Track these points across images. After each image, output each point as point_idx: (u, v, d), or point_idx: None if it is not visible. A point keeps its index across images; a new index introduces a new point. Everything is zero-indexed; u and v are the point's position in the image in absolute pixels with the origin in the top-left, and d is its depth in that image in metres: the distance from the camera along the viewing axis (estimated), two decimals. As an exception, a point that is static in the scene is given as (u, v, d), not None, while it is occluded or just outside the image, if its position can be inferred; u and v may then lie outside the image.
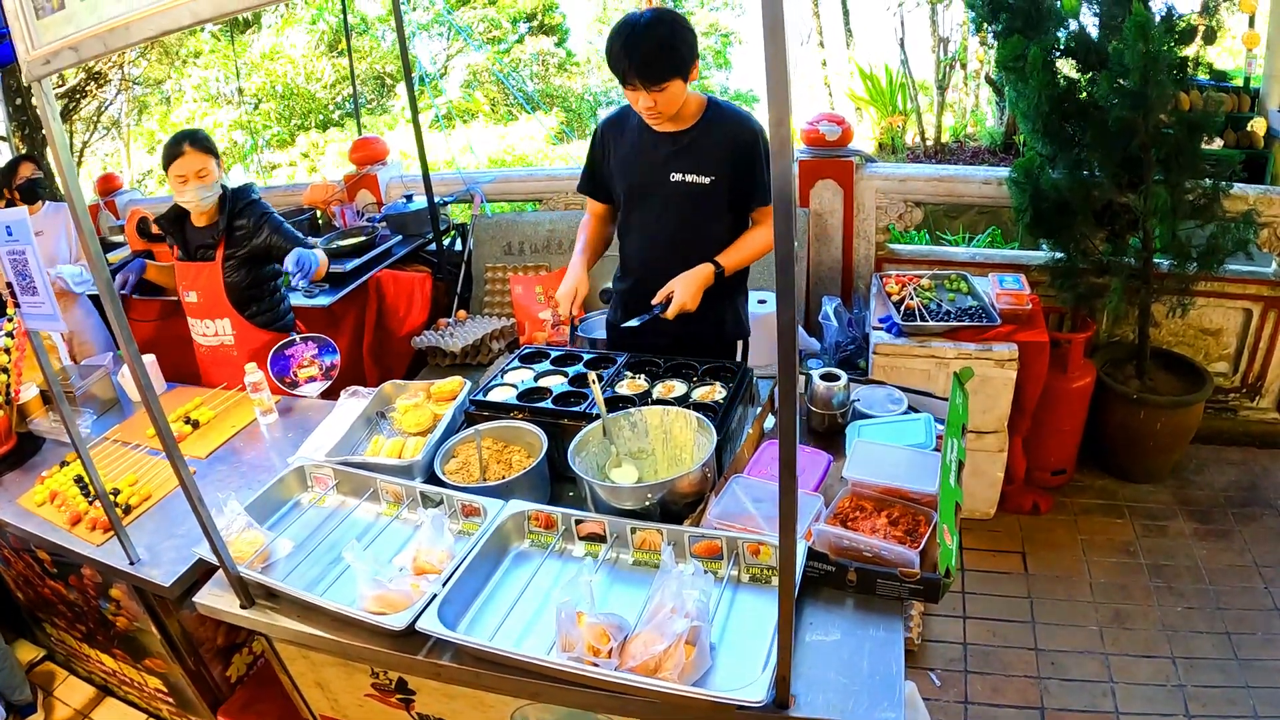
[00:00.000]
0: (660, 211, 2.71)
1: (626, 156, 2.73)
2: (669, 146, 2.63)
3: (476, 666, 1.73)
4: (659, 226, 2.73)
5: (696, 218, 2.68)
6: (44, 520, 2.61)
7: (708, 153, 2.60)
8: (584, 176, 2.91)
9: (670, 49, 2.36)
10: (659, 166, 2.65)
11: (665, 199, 2.67)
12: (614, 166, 2.76)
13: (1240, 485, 4.00)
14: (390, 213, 5.10)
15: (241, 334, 3.32)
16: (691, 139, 2.62)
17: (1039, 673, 3.07)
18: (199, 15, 1.31)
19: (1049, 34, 3.61)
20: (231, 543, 2.03)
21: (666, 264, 2.66)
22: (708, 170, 2.61)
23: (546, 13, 15.18)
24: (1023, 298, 3.66)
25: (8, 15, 1.51)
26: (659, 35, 2.35)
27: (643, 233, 2.80)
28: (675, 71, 2.39)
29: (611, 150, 2.76)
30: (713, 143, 2.60)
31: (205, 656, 2.60)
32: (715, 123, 2.61)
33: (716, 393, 2.39)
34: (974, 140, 9.95)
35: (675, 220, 2.69)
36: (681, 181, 2.63)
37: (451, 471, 2.30)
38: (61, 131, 1.58)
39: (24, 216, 2.06)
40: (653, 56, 2.36)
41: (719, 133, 2.61)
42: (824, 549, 1.84)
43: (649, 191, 2.70)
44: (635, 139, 2.69)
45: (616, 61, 2.41)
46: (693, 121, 2.62)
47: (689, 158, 2.61)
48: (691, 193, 2.63)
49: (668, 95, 2.43)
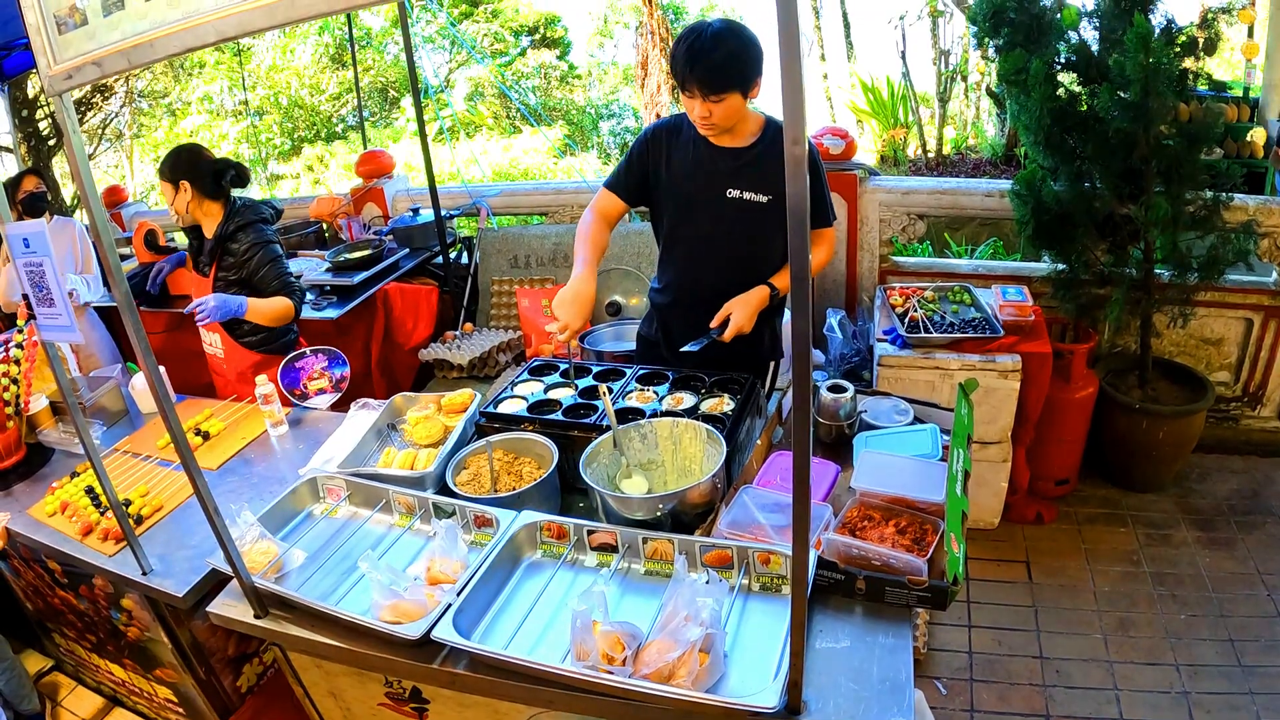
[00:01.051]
0: (714, 227, 2.67)
1: (683, 167, 2.67)
2: (729, 162, 2.61)
3: (491, 675, 1.75)
4: (712, 242, 2.69)
5: (751, 236, 2.65)
6: (55, 530, 2.62)
7: (767, 171, 2.58)
8: (619, 173, 2.78)
9: (735, 60, 2.35)
10: (717, 181, 2.62)
11: (720, 215, 2.64)
12: (667, 176, 2.70)
13: (1242, 494, 4.02)
14: (397, 226, 5.13)
15: (230, 352, 3.36)
16: (752, 157, 2.60)
17: (1044, 681, 3.08)
18: (224, 33, 1.33)
19: (1050, 47, 3.65)
20: (245, 553, 2.05)
21: (715, 281, 2.65)
22: (766, 189, 2.58)
23: (549, 26, 15.28)
24: (1025, 309, 3.69)
25: (29, 30, 1.53)
26: (726, 46, 2.34)
27: (694, 247, 2.74)
28: (736, 84, 2.39)
29: (665, 158, 2.69)
30: (771, 162, 2.57)
31: (216, 667, 2.61)
32: (776, 142, 2.58)
33: (725, 405, 2.41)
34: (975, 152, 9.98)
35: (729, 237, 2.66)
36: (739, 199, 2.60)
37: (463, 483, 2.32)
38: (82, 145, 1.61)
39: (42, 229, 2.08)
40: (715, 66, 2.35)
41: (778, 153, 2.60)
42: (833, 558, 1.86)
43: (704, 206, 2.66)
44: (693, 151, 2.64)
45: (679, 66, 2.39)
46: (753, 139, 2.61)
47: (748, 175, 2.59)
48: (748, 210, 2.61)
49: (725, 107, 2.42)
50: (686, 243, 2.76)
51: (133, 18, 1.41)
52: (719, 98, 2.39)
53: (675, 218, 2.76)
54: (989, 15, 3.69)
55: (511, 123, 14.07)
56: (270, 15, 1.28)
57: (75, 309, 4.25)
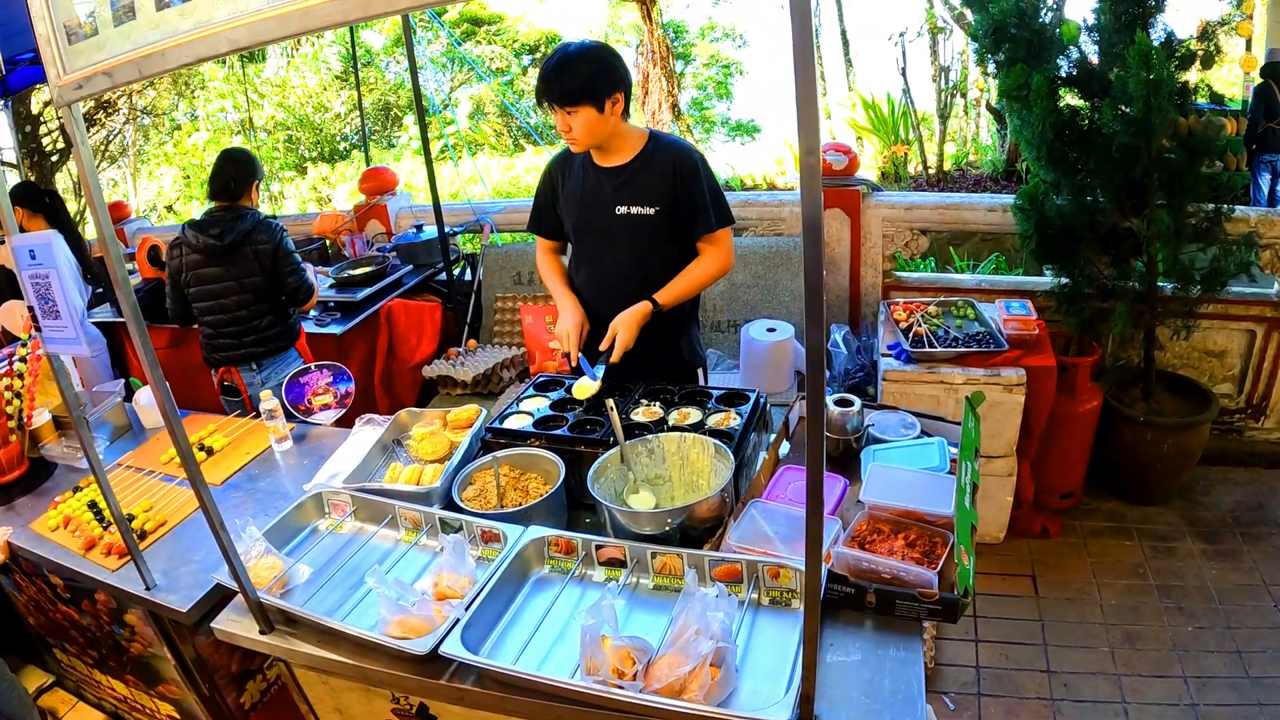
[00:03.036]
0: (609, 245, 2.76)
1: (573, 193, 2.78)
2: (613, 180, 2.70)
3: (500, 690, 1.74)
4: (608, 260, 2.78)
5: (643, 249, 2.73)
6: (58, 545, 2.62)
7: (651, 183, 2.67)
8: (532, 215, 2.96)
9: (587, 78, 2.47)
10: (605, 201, 2.71)
11: (613, 233, 2.73)
12: (563, 204, 2.82)
13: (1247, 505, 4.01)
14: (400, 243, 5.15)
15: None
16: (634, 171, 2.68)
17: (1052, 694, 3.06)
18: (236, 43, 1.33)
19: (1051, 63, 3.67)
20: (250, 568, 2.04)
21: (617, 297, 2.70)
22: (651, 201, 2.67)
23: (549, 45, 15.36)
24: (1029, 323, 3.69)
25: (39, 40, 1.53)
26: (581, 63, 2.47)
27: (593, 268, 2.84)
28: (588, 99, 2.48)
29: (559, 187, 2.83)
30: (655, 173, 2.66)
31: (219, 683, 2.59)
32: (656, 154, 2.68)
33: (731, 419, 2.41)
34: (975, 168, 10.01)
35: (623, 253, 2.75)
36: (627, 214, 2.69)
37: (469, 498, 2.32)
38: (90, 156, 1.61)
39: (49, 240, 2.07)
40: (568, 79, 2.47)
41: (660, 163, 2.67)
42: (843, 571, 1.85)
43: (596, 226, 2.76)
44: (581, 176, 2.76)
45: (540, 82, 2.53)
46: (634, 155, 2.68)
47: (632, 189, 2.68)
48: (637, 224, 2.69)
49: (580, 120, 2.52)
50: (588, 264, 2.86)
51: (144, 28, 1.41)
52: (570, 110, 2.50)
53: (577, 242, 2.88)
54: (990, 31, 3.71)
55: (514, 140, 14.13)
56: (284, 25, 1.27)
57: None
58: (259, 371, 3.73)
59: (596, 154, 2.71)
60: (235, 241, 3.53)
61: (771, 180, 10.72)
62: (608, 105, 2.52)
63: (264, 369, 3.73)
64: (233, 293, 3.61)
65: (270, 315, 3.70)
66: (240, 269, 3.58)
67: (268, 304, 3.67)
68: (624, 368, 2.66)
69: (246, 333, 3.68)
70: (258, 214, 3.64)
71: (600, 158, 2.71)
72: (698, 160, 2.69)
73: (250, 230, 3.55)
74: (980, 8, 3.74)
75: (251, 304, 3.64)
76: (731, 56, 15.94)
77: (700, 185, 2.67)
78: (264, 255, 3.57)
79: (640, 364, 2.70)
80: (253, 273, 3.59)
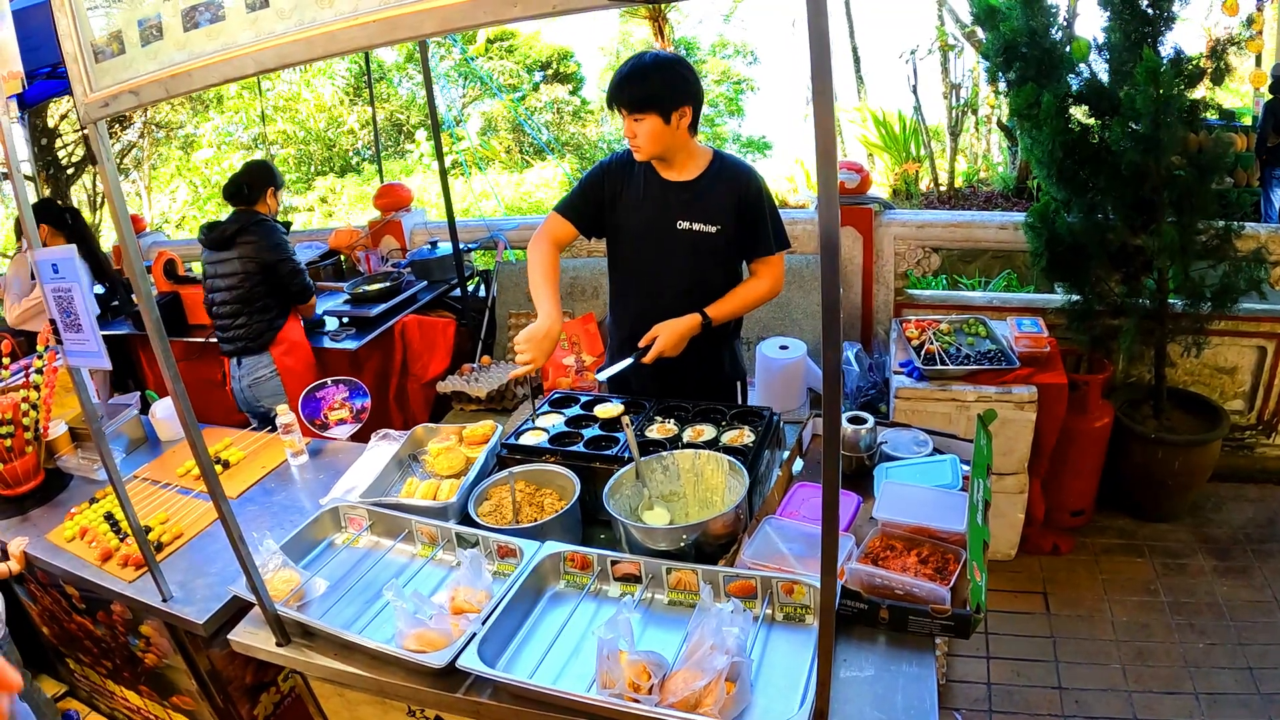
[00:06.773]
0: (665, 258, 2.77)
1: (635, 200, 2.78)
2: (677, 195, 2.72)
3: (516, 704, 1.75)
4: (663, 273, 2.78)
5: (701, 266, 2.75)
6: (74, 556, 2.65)
7: (715, 202, 2.69)
8: (572, 199, 2.86)
9: (658, 84, 2.52)
10: (667, 213, 2.72)
11: (671, 246, 2.74)
12: (621, 208, 2.81)
13: (1258, 522, 4.00)
14: (415, 258, 5.17)
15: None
16: (699, 189, 2.70)
17: (1063, 711, 3.05)
18: (263, 65, 1.35)
19: (1061, 81, 3.69)
20: (267, 581, 2.05)
21: (667, 310, 2.72)
22: (714, 219, 2.70)
23: (561, 61, 15.49)
24: (1041, 340, 3.70)
25: (65, 58, 1.56)
26: (654, 70, 2.53)
27: (645, 278, 2.84)
28: (655, 107, 2.52)
29: (619, 190, 2.81)
30: (720, 193, 2.69)
31: (234, 695, 2.60)
32: (722, 174, 2.72)
33: (745, 437, 2.42)
34: (987, 185, 10.00)
35: (679, 267, 2.76)
36: (689, 230, 2.71)
37: (485, 514, 2.33)
38: (115, 174, 1.64)
39: (72, 254, 2.09)
40: (638, 87, 2.52)
41: (725, 184, 2.70)
42: (856, 587, 1.86)
43: (655, 238, 2.77)
44: (644, 184, 2.76)
45: (612, 86, 2.58)
46: (700, 172, 2.71)
47: (696, 206, 2.70)
48: (697, 240, 2.71)
49: (645, 128, 2.55)
50: (639, 274, 2.86)
51: (171, 48, 1.44)
52: (637, 117, 2.55)
53: (629, 249, 2.87)
54: (1001, 50, 3.73)
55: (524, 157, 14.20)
56: (309, 49, 1.30)
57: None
58: (240, 367, 4.02)
59: (660, 166, 2.73)
60: (229, 236, 3.81)
61: (784, 198, 10.74)
62: (674, 117, 2.55)
63: (243, 365, 4.03)
64: (219, 289, 3.90)
65: (244, 315, 3.91)
66: (229, 266, 3.86)
67: (242, 304, 3.89)
68: (666, 378, 2.70)
69: (227, 328, 3.95)
70: (264, 217, 3.87)
71: (664, 170, 2.73)
72: (761, 184, 2.73)
73: (242, 228, 3.80)
74: (991, 26, 3.76)
75: (231, 301, 3.89)
76: (742, 73, 16.00)
77: (763, 209, 2.71)
78: (251, 251, 3.82)
79: (682, 375, 2.74)
80: (237, 270, 3.83)
